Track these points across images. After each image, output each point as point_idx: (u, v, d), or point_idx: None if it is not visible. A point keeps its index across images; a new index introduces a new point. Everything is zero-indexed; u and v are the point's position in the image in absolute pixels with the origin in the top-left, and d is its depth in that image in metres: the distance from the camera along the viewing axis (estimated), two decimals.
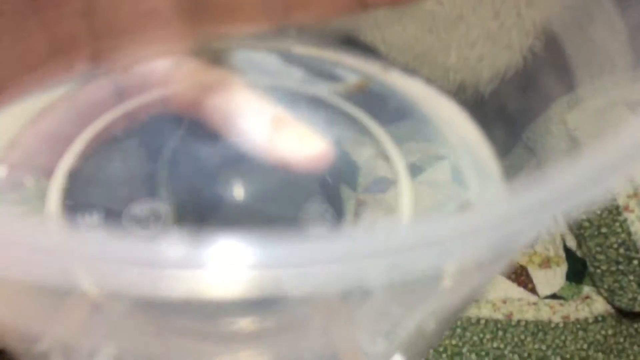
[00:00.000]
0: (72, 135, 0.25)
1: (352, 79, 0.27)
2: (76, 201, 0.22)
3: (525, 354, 0.46)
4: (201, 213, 0.22)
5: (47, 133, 0.25)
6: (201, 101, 0.26)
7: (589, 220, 0.45)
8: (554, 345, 0.46)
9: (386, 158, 0.24)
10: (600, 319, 0.47)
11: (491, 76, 0.26)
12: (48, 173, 0.23)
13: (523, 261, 0.48)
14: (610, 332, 0.47)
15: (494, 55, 0.26)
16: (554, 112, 0.22)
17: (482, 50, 0.26)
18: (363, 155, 0.25)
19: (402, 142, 0.25)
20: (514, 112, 0.24)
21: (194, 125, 0.25)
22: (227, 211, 0.22)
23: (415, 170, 0.24)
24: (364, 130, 0.25)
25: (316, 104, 0.26)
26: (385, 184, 0.24)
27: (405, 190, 0.23)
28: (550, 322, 0.47)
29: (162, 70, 0.27)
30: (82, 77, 0.27)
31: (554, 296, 0.48)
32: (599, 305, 0.48)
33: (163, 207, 0.22)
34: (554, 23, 0.22)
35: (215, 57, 0.28)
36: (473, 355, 0.45)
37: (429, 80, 0.27)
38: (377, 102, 0.27)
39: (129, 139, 0.24)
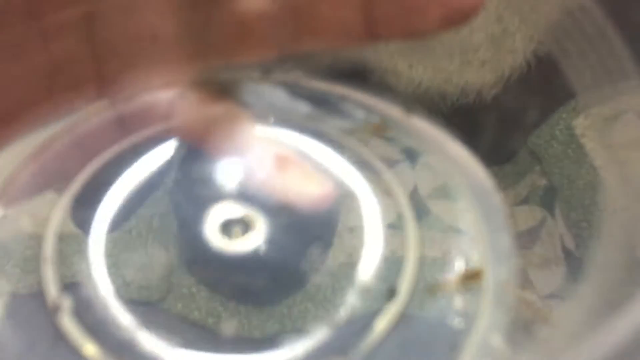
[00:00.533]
0: (73, 172, 0.24)
1: (371, 119, 0.27)
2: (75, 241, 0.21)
3: None
4: (201, 260, 0.21)
5: (46, 170, 0.24)
6: (205, 135, 0.25)
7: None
8: None
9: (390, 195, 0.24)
10: None
11: (495, 80, 0.25)
12: (46, 213, 0.22)
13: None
14: None
15: (497, 59, 0.25)
16: (559, 117, 0.22)
17: (485, 55, 0.26)
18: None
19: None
20: (518, 117, 0.24)
21: (195, 161, 0.24)
22: (226, 258, 0.22)
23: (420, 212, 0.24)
24: (368, 169, 0.25)
25: (322, 140, 0.25)
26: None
27: (410, 233, 0.23)
28: None
29: (165, 101, 0.27)
30: (83, 110, 0.26)
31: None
32: None
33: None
34: (557, 28, 0.21)
35: (220, 89, 0.27)
36: None
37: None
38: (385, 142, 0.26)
39: (129, 185, 0.23)
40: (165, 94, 0.27)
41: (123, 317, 0.20)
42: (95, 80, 0.26)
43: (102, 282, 0.21)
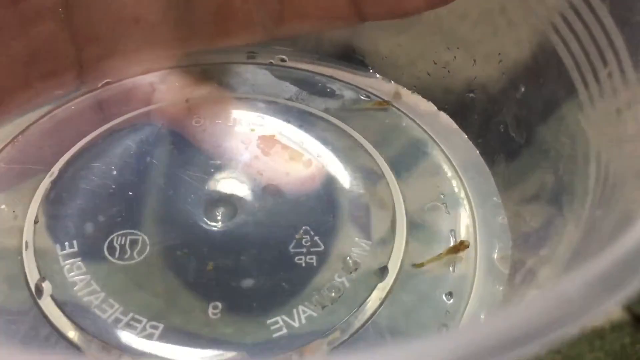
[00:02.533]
0: (52, 158, 0.23)
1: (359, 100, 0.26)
2: (53, 230, 0.21)
3: None
4: (185, 241, 0.21)
5: (24, 157, 0.23)
6: (187, 118, 0.25)
7: None
8: (571, 354, 0.45)
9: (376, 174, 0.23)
10: (617, 327, 0.46)
11: (499, 74, 0.25)
12: (25, 199, 0.22)
13: None
14: (627, 340, 0.46)
15: (501, 52, 0.25)
16: (566, 111, 0.21)
17: (488, 48, 0.25)
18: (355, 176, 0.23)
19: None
20: (523, 111, 0.23)
21: (178, 145, 0.24)
22: (212, 239, 0.21)
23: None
24: (357, 147, 0.24)
25: (309, 121, 0.25)
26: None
27: (400, 209, 0.22)
28: None
29: (147, 85, 0.26)
30: (62, 96, 0.25)
31: None
32: (617, 314, 0.47)
33: (144, 236, 0.21)
34: (562, 20, 0.21)
35: (204, 72, 0.27)
36: None
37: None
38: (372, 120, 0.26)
39: (111, 164, 0.23)
40: (148, 77, 0.26)
41: (105, 302, 0.19)
42: (75, 66, 0.26)
43: (84, 263, 0.20)
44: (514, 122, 0.24)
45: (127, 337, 0.19)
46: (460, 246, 0.21)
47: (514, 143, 0.23)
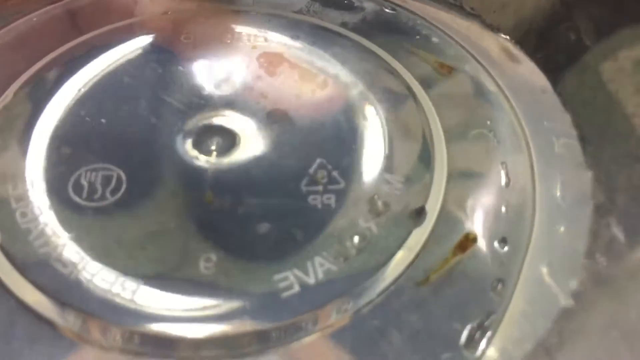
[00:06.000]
0: (16, 75, 0.19)
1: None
2: (3, 164, 0.16)
3: None
4: (170, 179, 0.17)
5: None
6: (175, 33, 0.21)
7: None
8: None
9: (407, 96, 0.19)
10: None
11: (516, 23, 0.22)
12: None
13: None
14: None
15: (520, 2, 0.22)
16: (587, 62, 0.19)
17: None
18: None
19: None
20: (543, 63, 0.21)
21: (164, 64, 0.19)
22: (204, 176, 0.17)
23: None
24: (382, 66, 0.20)
25: (324, 37, 0.20)
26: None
27: (436, 140, 0.18)
28: None
29: None
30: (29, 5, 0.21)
31: None
32: None
33: (119, 171, 0.16)
34: None
35: None
36: None
37: None
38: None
39: (78, 85, 0.18)
40: None
41: (68, 253, 0.15)
42: None
43: (42, 205, 0.16)
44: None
45: (94, 296, 0.15)
46: (467, 241, 0.17)
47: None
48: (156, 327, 0.15)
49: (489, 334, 0.15)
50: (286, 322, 0.15)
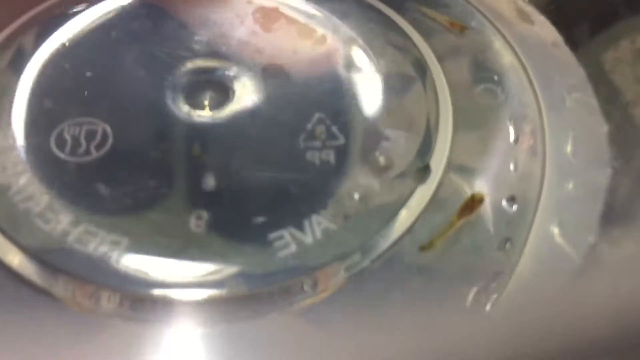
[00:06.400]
0: None
1: None
2: None
3: None
4: (160, 133, 0.16)
5: None
6: None
7: None
8: None
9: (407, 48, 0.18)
10: None
11: None
12: None
13: None
14: None
15: None
16: (587, 52, 0.18)
17: None
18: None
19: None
20: (554, 16, 0.20)
21: (153, 18, 0.18)
22: (195, 131, 0.16)
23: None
24: (384, 21, 0.19)
25: None
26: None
27: (441, 93, 0.17)
28: None
29: None
30: None
31: None
32: None
33: (105, 125, 0.15)
34: None
35: None
36: None
37: None
38: None
39: (63, 39, 0.17)
40: None
41: (50, 209, 0.14)
42: None
43: (23, 159, 0.15)
44: None
45: (78, 254, 0.14)
46: (473, 202, 0.16)
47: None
48: (144, 290, 0.14)
49: (495, 295, 0.14)
50: (283, 284, 0.14)
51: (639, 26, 0.18)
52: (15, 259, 0.14)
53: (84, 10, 0.19)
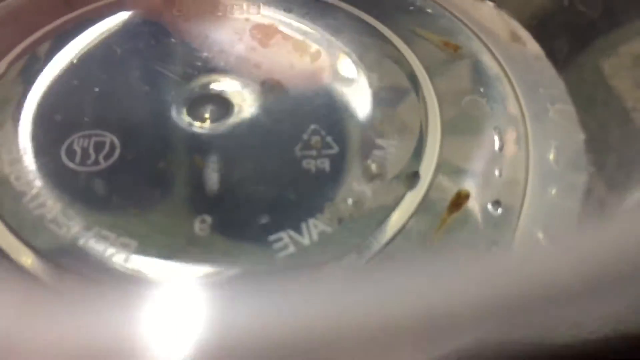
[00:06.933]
0: (7, 50, 0.19)
1: None
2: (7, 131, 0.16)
3: None
4: (164, 144, 0.17)
5: None
6: (166, 8, 0.21)
7: None
8: None
9: (398, 62, 0.19)
10: None
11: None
12: None
13: None
14: None
15: None
16: (587, 58, 0.19)
17: None
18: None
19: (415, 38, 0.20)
20: (536, 32, 0.20)
21: (157, 37, 0.19)
22: (197, 141, 0.17)
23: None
24: (377, 36, 0.20)
25: (317, 8, 0.20)
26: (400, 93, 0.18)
27: (430, 105, 0.18)
28: None
29: None
30: None
31: None
32: None
33: (112, 137, 0.16)
34: None
35: None
36: None
37: None
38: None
39: (72, 56, 0.18)
40: None
41: (62, 215, 0.15)
42: None
43: (36, 168, 0.16)
44: None
45: (90, 257, 0.15)
46: (460, 199, 0.17)
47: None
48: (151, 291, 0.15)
49: None
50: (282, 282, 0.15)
51: (617, 40, 0.19)
52: (27, 258, 0.15)
53: (89, 27, 0.20)
